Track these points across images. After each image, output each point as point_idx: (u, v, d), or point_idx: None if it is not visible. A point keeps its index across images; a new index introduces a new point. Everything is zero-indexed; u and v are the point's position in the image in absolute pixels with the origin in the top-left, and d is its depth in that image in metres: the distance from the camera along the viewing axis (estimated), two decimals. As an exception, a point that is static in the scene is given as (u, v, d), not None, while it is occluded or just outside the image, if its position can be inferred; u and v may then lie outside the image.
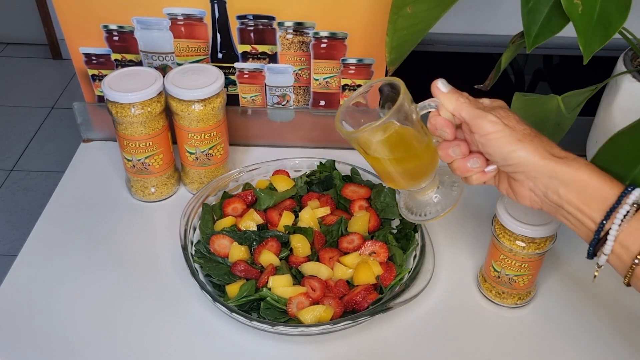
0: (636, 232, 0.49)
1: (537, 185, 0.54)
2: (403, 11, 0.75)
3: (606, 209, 0.50)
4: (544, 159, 0.53)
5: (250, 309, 0.71)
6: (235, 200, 0.83)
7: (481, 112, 0.55)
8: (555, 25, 0.68)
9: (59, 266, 0.79)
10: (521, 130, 0.54)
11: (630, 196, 0.49)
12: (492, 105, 0.58)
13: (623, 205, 0.49)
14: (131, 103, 0.79)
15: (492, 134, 0.55)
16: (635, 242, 0.49)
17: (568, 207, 0.53)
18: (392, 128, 0.59)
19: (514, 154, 0.54)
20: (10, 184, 2.18)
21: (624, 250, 0.50)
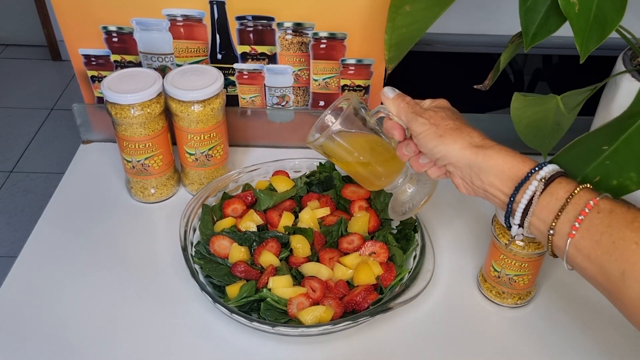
0: (549, 206, 0.52)
1: (463, 174, 0.60)
2: (402, 9, 0.75)
3: (516, 185, 0.55)
4: (462, 150, 0.58)
5: (250, 309, 0.71)
6: (235, 201, 0.83)
7: (414, 116, 0.62)
8: (553, 24, 0.69)
9: (59, 267, 0.79)
10: (444, 126, 0.60)
11: (540, 172, 0.54)
12: (431, 105, 0.64)
13: (532, 181, 0.54)
14: (131, 104, 0.79)
15: (420, 134, 0.61)
16: (549, 215, 0.52)
17: (491, 190, 0.57)
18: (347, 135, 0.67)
19: (436, 149, 0.60)
20: (10, 186, 2.18)
21: (541, 223, 0.53)
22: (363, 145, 0.69)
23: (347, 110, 0.66)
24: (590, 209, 0.50)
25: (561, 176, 0.54)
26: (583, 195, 0.51)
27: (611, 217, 0.49)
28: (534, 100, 0.77)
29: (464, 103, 1.07)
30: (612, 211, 0.49)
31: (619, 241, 0.47)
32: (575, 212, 0.51)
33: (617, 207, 0.49)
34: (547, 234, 0.53)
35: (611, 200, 0.51)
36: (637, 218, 0.48)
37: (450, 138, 0.59)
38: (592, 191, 0.52)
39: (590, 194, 0.51)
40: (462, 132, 0.59)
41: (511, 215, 0.56)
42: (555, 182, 0.53)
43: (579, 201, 0.51)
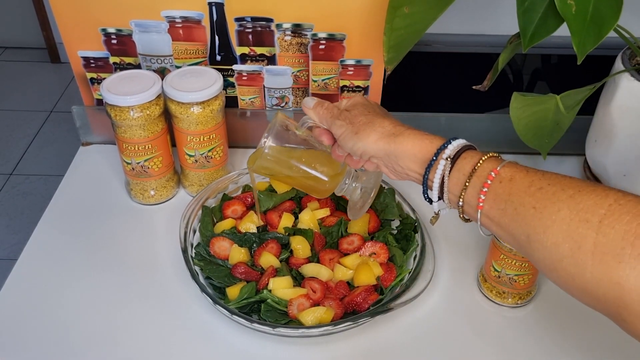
0: (458, 182, 0.54)
1: (385, 163, 0.61)
2: (400, 11, 0.75)
3: (426, 166, 0.57)
4: (376, 142, 0.60)
5: (250, 311, 0.71)
6: (235, 203, 0.83)
7: (333, 120, 0.64)
8: (551, 25, 0.69)
9: (59, 270, 0.79)
10: (358, 123, 0.62)
11: (446, 151, 0.55)
12: (347, 105, 0.66)
13: (439, 161, 0.56)
14: (130, 106, 0.79)
15: (340, 136, 0.63)
16: (457, 189, 0.55)
17: (410, 173, 0.60)
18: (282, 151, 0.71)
19: (355, 146, 0.62)
20: (9, 188, 2.18)
21: (454, 196, 0.56)
22: (300, 157, 0.72)
23: (274, 128, 0.70)
24: (492, 179, 0.51)
25: (467, 150, 0.55)
26: (486, 167, 0.53)
27: (511, 185, 0.50)
28: (533, 100, 0.77)
29: (463, 103, 1.07)
30: (512, 179, 0.50)
31: (520, 207, 0.49)
32: (480, 183, 0.52)
33: (516, 174, 0.51)
34: (458, 205, 0.55)
35: (513, 167, 0.52)
36: (534, 182, 0.49)
37: (363, 133, 0.61)
38: (496, 160, 0.53)
39: (494, 164, 0.52)
40: (374, 125, 0.61)
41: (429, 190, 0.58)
42: (460, 157, 0.55)
43: (482, 173, 0.53)
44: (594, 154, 0.85)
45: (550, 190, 0.47)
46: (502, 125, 0.89)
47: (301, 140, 0.72)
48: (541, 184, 0.48)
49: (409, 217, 0.81)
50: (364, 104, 0.65)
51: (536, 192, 0.48)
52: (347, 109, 0.65)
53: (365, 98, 0.67)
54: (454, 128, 0.95)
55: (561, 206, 0.46)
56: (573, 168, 0.95)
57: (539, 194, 0.48)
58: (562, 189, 0.47)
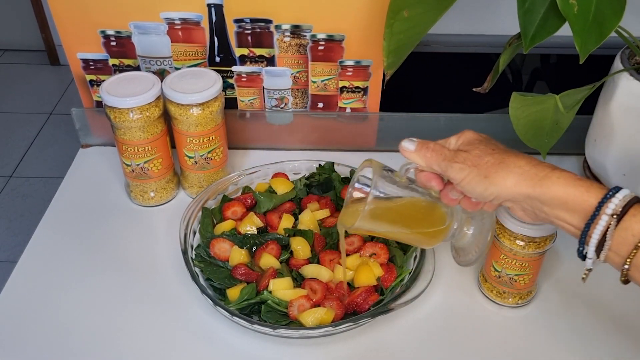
0: (625, 242, 0.49)
1: (524, 207, 0.55)
2: (399, 15, 0.75)
3: (586, 220, 0.51)
4: (516, 187, 0.53)
5: (251, 312, 0.71)
6: (235, 204, 0.83)
7: (447, 163, 0.57)
8: (552, 25, 0.69)
9: (59, 272, 0.79)
10: (485, 165, 0.55)
11: (610, 205, 0.49)
12: (459, 144, 0.59)
13: (602, 216, 0.50)
14: (129, 108, 0.79)
15: (463, 181, 0.56)
16: (625, 250, 0.49)
17: (557, 221, 0.54)
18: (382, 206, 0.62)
19: (487, 192, 0.55)
20: (9, 191, 2.18)
21: (617, 256, 0.50)
22: (404, 210, 0.63)
23: (376, 181, 0.61)
24: None
25: (636, 203, 0.49)
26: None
27: None
28: (532, 99, 0.77)
29: (462, 103, 1.07)
30: None
31: None
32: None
33: None
34: (623, 267, 0.49)
35: None
36: None
37: (497, 176, 0.54)
38: None
39: None
40: (507, 166, 0.54)
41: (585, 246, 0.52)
42: (628, 214, 0.48)
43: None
44: (593, 153, 0.85)
45: None
46: (502, 125, 0.89)
47: (401, 189, 0.62)
48: None
49: (409, 217, 0.81)
50: (482, 140, 0.58)
51: None
52: (462, 148, 0.57)
53: (476, 133, 0.59)
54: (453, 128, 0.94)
55: None
56: (573, 168, 0.95)
57: None
58: None
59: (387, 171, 0.62)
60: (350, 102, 0.97)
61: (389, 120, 0.97)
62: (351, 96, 0.96)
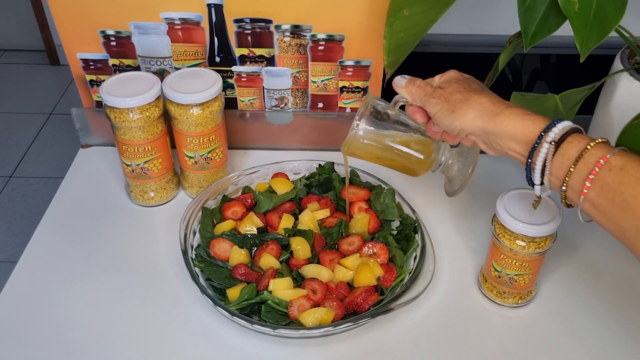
0: (562, 166, 0.53)
1: (484, 140, 0.60)
2: (400, 14, 0.75)
3: (529, 149, 0.55)
4: (474, 121, 0.59)
5: (251, 312, 0.71)
6: (235, 204, 0.83)
7: (427, 98, 0.64)
8: (552, 23, 0.69)
9: (59, 272, 0.79)
10: (454, 100, 0.61)
11: (550, 134, 0.54)
12: (440, 81, 0.65)
13: (543, 144, 0.54)
14: (129, 108, 0.79)
15: (436, 114, 0.63)
16: (561, 174, 0.53)
17: (511, 153, 0.58)
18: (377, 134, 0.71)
19: (452, 124, 0.61)
20: (9, 191, 2.18)
21: (556, 179, 0.54)
22: (394, 137, 0.71)
23: (367, 110, 0.70)
24: (600, 167, 0.50)
25: (573, 133, 0.53)
26: (594, 153, 0.51)
27: (622, 174, 0.49)
28: (532, 99, 0.77)
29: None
30: (624, 168, 0.49)
31: (630, 199, 0.48)
32: (587, 170, 0.51)
33: (628, 163, 0.49)
34: (561, 189, 0.54)
35: (624, 155, 0.50)
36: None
37: (460, 111, 0.60)
38: (606, 146, 0.51)
39: (603, 150, 0.51)
40: (470, 102, 0.59)
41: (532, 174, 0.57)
42: (566, 141, 0.53)
43: (589, 159, 0.51)
44: (593, 153, 0.85)
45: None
46: (502, 125, 0.89)
47: (393, 120, 0.71)
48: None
49: (409, 217, 0.81)
50: (459, 79, 0.64)
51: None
52: (440, 85, 0.63)
53: (460, 73, 0.65)
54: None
55: None
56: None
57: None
58: None
59: (380, 103, 0.71)
60: (350, 102, 0.97)
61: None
62: (351, 96, 0.96)
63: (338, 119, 0.98)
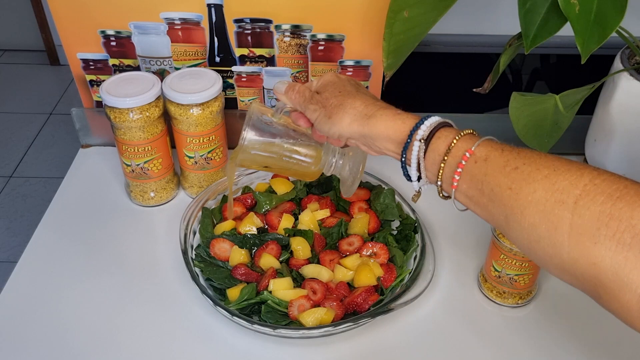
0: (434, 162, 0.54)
1: (363, 142, 0.60)
2: (400, 15, 0.75)
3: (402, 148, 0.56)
4: (350, 126, 0.59)
5: (251, 312, 0.71)
6: (235, 204, 0.83)
7: (306, 104, 0.63)
8: (553, 25, 0.69)
9: (59, 272, 0.79)
10: (330, 106, 0.60)
11: (419, 132, 0.54)
12: (317, 85, 0.64)
13: (413, 142, 0.55)
14: (129, 108, 0.79)
15: (315, 121, 0.62)
16: (434, 168, 0.54)
17: (388, 153, 0.59)
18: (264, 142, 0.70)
19: (331, 130, 0.60)
20: (9, 191, 2.18)
21: (432, 175, 0.55)
22: (281, 145, 0.71)
23: (251, 119, 0.69)
24: (466, 160, 0.51)
25: (441, 128, 0.54)
26: (461, 146, 0.52)
27: (487, 164, 0.50)
28: (532, 99, 0.77)
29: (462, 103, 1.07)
30: (487, 158, 0.50)
31: (496, 188, 0.48)
32: (455, 163, 0.52)
33: (491, 153, 0.50)
34: (437, 185, 0.54)
35: (488, 145, 0.51)
36: (509, 162, 0.48)
37: (336, 117, 0.59)
38: (472, 138, 0.52)
39: (468, 143, 0.51)
40: (344, 107, 0.59)
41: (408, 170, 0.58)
42: (435, 137, 0.54)
43: (457, 152, 0.52)
44: (593, 153, 0.85)
45: (525, 170, 0.47)
46: (502, 125, 0.89)
47: (280, 127, 0.70)
48: (516, 164, 0.48)
49: (409, 217, 0.81)
50: (334, 82, 0.63)
51: (512, 172, 0.48)
52: (318, 90, 0.63)
53: (336, 75, 0.65)
54: (453, 128, 0.94)
55: (537, 187, 0.46)
56: (573, 168, 0.95)
57: (515, 174, 0.47)
58: (538, 168, 0.46)
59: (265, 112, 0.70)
60: (350, 102, 0.97)
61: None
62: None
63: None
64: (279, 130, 0.70)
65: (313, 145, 0.71)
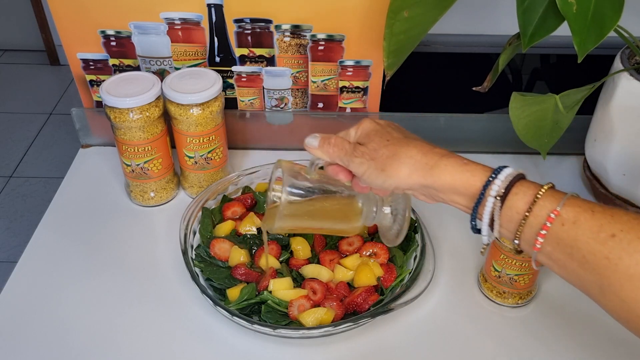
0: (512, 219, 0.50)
1: (423, 193, 0.57)
2: (400, 15, 0.75)
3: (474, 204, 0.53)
4: (409, 178, 0.55)
5: (251, 312, 0.71)
6: (235, 204, 0.83)
7: (348, 158, 0.58)
8: (551, 24, 0.69)
9: (59, 272, 0.79)
10: (381, 157, 0.56)
11: (493, 187, 0.51)
12: (357, 135, 0.59)
13: (487, 198, 0.51)
14: (129, 108, 0.79)
15: (364, 175, 0.57)
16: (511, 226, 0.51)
17: (453, 204, 0.56)
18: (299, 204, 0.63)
19: (385, 183, 0.56)
20: (9, 191, 2.18)
21: (507, 232, 0.52)
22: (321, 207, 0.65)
23: (286, 181, 0.63)
24: (552, 222, 0.47)
25: (518, 181, 0.51)
26: (544, 206, 0.48)
27: (577, 228, 0.46)
28: (532, 99, 0.77)
29: (462, 103, 1.07)
30: (576, 221, 0.46)
31: (589, 256, 0.45)
32: (538, 225, 0.48)
33: (581, 215, 0.46)
34: (513, 243, 0.51)
35: (575, 205, 0.47)
36: (603, 227, 0.45)
37: (392, 169, 0.55)
38: (554, 195, 0.48)
39: (552, 202, 0.48)
40: (400, 157, 0.55)
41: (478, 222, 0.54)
42: (511, 193, 0.50)
43: (540, 212, 0.48)
44: (593, 153, 0.85)
45: (624, 238, 0.43)
46: (502, 125, 0.89)
47: (316, 183, 0.64)
48: (612, 230, 0.44)
49: (409, 217, 0.81)
50: (377, 130, 0.58)
51: (608, 240, 0.44)
52: (360, 141, 0.58)
53: (374, 121, 0.60)
54: (453, 128, 0.95)
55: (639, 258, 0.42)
56: (573, 168, 0.95)
57: (612, 242, 0.43)
58: (638, 236, 0.43)
59: (296, 169, 0.64)
60: (350, 102, 0.97)
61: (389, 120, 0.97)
62: (351, 96, 0.96)
63: (338, 119, 0.98)
64: (314, 187, 0.64)
65: (350, 198, 0.66)
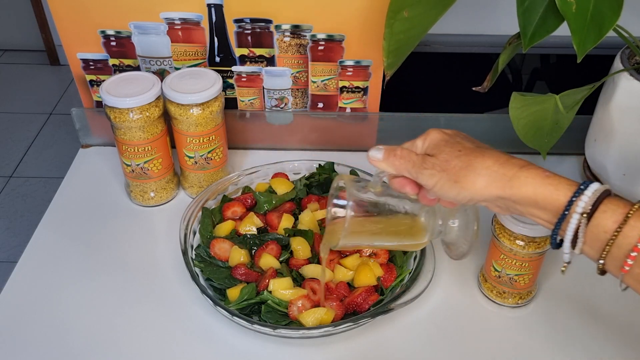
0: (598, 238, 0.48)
1: (498, 205, 0.55)
2: (399, 15, 0.75)
3: (557, 218, 0.50)
4: (486, 189, 0.53)
5: (251, 312, 0.71)
6: (235, 204, 0.83)
7: (417, 170, 0.56)
8: (551, 24, 0.69)
9: (59, 272, 0.79)
10: (453, 169, 0.54)
11: (579, 203, 0.48)
12: (425, 146, 0.57)
13: (572, 214, 0.49)
14: (129, 108, 0.79)
15: (435, 187, 0.55)
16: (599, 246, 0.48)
17: (531, 217, 0.53)
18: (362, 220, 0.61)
19: (459, 196, 0.54)
20: (9, 191, 2.18)
21: (592, 250, 0.50)
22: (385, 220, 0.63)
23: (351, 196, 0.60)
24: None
25: (605, 197, 0.48)
26: (635, 225, 0.46)
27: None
28: (532, 99, 0.77)
29: (462, 103, 1.07)
30: None
31: None
32: (628, 245, 0.46)
33: None
34: (598, 263, 0.49)
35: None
36: None
37: (467, 181, 0.53)
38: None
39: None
40: (475, 169, 0.53)
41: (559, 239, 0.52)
42: (599, 210, 0.48)
43: (631, 233, 0.46)
44: (593, 153, 0.85)
45: None
46: (502, 125, 0.89)
47: (380, 197, 0.62)
48: None
49: (409, 217, 0.81)
50: (446, 140, 0.56)
51: None
52: (429, 152, 0.56)
53: (442, 131, 0.58)
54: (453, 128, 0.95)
55: None
56: (573, 168, 0.95)
57: None
58: None
59: (360, 184, 0.62)
60: (350, 102, 0.97)
61: (389, 120, 0.97)
62: (351, 96, 0.96)
63: (338, 119, 0.98)
64: (379, 201, 0.61)
65: (414, 212, 0.63)
